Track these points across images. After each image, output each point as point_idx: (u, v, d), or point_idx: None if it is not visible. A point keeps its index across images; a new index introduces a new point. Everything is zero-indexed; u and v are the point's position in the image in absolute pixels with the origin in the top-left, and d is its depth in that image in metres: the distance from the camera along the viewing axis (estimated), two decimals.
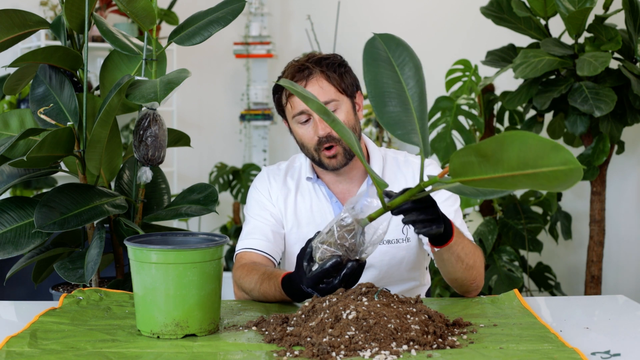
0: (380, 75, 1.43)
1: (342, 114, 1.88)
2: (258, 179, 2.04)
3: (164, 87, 1.85)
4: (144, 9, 1.95)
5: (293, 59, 1.94)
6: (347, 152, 1.89)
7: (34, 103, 1.99)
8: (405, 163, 2.00)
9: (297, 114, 1.87)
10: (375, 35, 1.46)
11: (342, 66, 1.91)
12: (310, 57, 1.91)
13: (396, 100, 1.42)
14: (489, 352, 1.34)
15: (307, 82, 1.86)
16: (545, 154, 1.16)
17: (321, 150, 1.88)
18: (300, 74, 1.87)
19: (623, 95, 3.18)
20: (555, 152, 1.16)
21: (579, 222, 3.95)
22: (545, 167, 1.17)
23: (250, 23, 5.17)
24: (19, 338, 1.42)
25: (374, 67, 1.44)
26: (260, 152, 5.30)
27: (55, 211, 1.82)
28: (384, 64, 1.45)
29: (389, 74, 1.44)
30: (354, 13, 4.90)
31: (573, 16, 3.03)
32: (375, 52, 1.45)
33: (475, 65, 3.62)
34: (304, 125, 1.88)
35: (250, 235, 1.95)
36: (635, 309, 1.71)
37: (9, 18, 1.91)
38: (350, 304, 1.42)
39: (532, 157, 1.18)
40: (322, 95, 1.85)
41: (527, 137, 1.17)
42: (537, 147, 1.17)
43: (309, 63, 1.88)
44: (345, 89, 1.89)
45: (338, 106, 1.88)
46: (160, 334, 1.45)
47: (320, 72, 1.87)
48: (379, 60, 1.44)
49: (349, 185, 1.97)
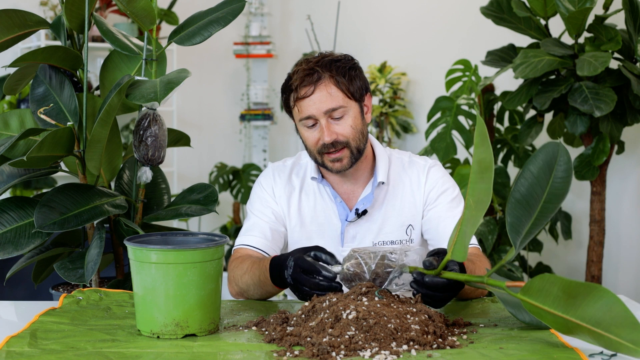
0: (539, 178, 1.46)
1: (349, 119, 1.87)
2: (263, 175, 2.04)
3: (164, 87, 1.85)
4: (144, 9, 1.95)
5: (304, 58, 1.92)
6: (353, 155, 1.89)
7: (34, 103, 1.99)
8: (410, 164, 2.01)
9: (304, 119, 1.87)
10: (559, 144, 1.48)
11: (352, 69, 1.89)
12: (321, 59, 1.88)
13: (524, 204, 1.45)
14: (489, 352, 1.34)
15: (316, 88, 1.84)
16: (622, 324, 1.24)
17: (324, 154, 1.88)
18: (309, 78, 1.85)
19: (623, 95, 3.18)
20: (632, 329, 1.23)
21: (579, 222, 3.95)
22: (615, 336, 1.25)
23: (250, 23, 5.17)
24: (19, 338, 1.42)
25: (538, 170, 1.46)
26: (260, 152, 5.30)
27: (55, 211, 1.82)
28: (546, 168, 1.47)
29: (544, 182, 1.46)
30: (354, 13, 4.90)
31: (573, 16, 3.03)
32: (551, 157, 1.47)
33: (475, 65, 3.62)
34: (310, 129, 1.88)
35: (249, 232, 1.96)
36: (635, 309, 1.71)
37: (9, 18, 1.92)
38: (350, 304, 1.43)
39: (608, 320, 1.26)
40: (329, 101, 1.84)
41: (614, 301, 1.25)
42: (618, 315, 1.24)
43: (318, 67, 1.85)
44: (353, 93, 1.87)
45: (345, 112, 1.87)
46: (160, 334, 1.45)
47: (330, 76, 1.85)
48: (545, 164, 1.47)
49: (353, 186, 1.97)
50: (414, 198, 1.96)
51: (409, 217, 1.95)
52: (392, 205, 1.95)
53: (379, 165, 1.96)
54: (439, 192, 1.95)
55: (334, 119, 1.86)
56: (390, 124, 4.58)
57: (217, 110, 5.36)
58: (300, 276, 1.59)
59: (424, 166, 1.99)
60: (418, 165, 2.00)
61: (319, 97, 1.84)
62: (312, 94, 1.84)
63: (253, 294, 1.81)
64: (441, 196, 1.95)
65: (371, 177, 1.98)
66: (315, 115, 1.85)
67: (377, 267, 1.54)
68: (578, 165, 3.29)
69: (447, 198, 1.94)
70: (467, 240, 1.42)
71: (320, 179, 1.97)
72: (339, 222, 1.95)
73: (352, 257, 1.57)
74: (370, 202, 1.93)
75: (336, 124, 1.86)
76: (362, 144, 1.90)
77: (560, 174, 1.45)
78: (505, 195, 3.58)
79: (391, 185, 1.97)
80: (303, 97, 1.85)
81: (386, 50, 4.76)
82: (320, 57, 1.89)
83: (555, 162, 1.46)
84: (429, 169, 1.98)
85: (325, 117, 1.85)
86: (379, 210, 1.95)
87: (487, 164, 1.38)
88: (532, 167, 1.45)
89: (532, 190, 1.44)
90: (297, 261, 1.60)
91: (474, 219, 1.40)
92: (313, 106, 1.84)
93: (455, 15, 4.43)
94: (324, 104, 1.84)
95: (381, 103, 4.59)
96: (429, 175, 1.97)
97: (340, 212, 1.95)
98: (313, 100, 1.84)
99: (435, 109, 3.60)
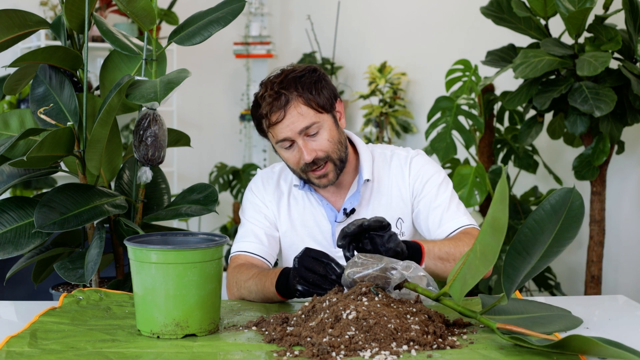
0: (545, 223, 1.43)
1: (325, 133, 1.86)
2: (252, 182, 2.04)
3: (164, 87, 1.85)
4: (144, 9, 1.95)
5: (268, 79, 1.88)
6: (337, 167, 1.89)
7: (34, 103, 1.99)
8: (392, 157, 2.00)
9: (280, 141, 1.86)
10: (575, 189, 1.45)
11: (317, 82, 1.86)
12: (284, 78, 1.85)
13: (524, 254, 1.42)
14: (489, 352, 1.34)
15: (286, 112, 1.82)
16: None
17: (309, 172, 1.88)
18: (277, 103, 1.82)
19: (623, 95, 3.18)
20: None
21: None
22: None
23: (250, 23, 5.17)
24: (19, 338, 1.42)
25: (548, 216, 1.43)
26: (260, 152, 5.30)
27: (55, 211, 1.82)
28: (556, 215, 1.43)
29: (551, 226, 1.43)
30: (354, 13, 4.90)
31: (573, 16, 3.02)
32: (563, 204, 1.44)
33: (475, 65, 3.62)
34: (289, 150, 1.87)
35: (244, 238, 1.96)
36: (635, 309, 1.71)
37: (9, 18, 1.91)
38: (350, 304, 1.42)
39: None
40: (302, 121, 1.83)
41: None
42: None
43: (283, 89, 1.82)
44: (324, 106, 1.85)
45: (320, 127, 1.85)
46: (160, 334, 1.45)
47: (297, 96, 1.82)
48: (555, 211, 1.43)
49: (338, 189, 1.97)
50: (400, 191, 1.96)
51: (397, 210, 1.95)
52: (379, 201, 1.96)
53: (363, 163, 1.95)
54: (423, 182, 1.95)
55: (309, 136, 1.85)
56: (390, 124, 4.58)
57: (217, 110, 5.36)
58: (308, 260, 1.60)
59: (405, 157, 1.99)
60: (400, 157, 2.00)
61: (291, 119, 1.82)
62: (284, 118, 1.82)
63: (254, 299, 1.80)
64: (426, 185, 1.95)
65: (356, 176, 1.97)
66: (291, 136, 1.84)
67: (377, 278, 1.54)
68: (578, 165, 3.29)
69: (433, 185, 1.94)
70: (465, 287, 1.41)
71: (302, 185, 1.96)
72: (329, 224, 1.95)
73: (355, 264, 1.56)
74: (358, 200, 1.94)
75: (313, 141, 1.85)
76: (343, 153, 1.90)
77: (569, 221, 1.43)
78: None
79: (376, 182, 1.97)
80: (276, 123, 1.83)
81: (386, 50, 4.76)
82: (282, 75, 1.85)
83: (565, 208, 1.43)
84: (410, 159, 1.98)
85: (300, 136, 1.84)
86: (366, 207, 1.95)
87: (500, 225, 1.32)
88: (536, 215, 1.42)
89: (535, 239, 1.41)
90: (306, 250, 1.63)
91: (477, 272, 1.37)
92: (286, 129, 1.83)
93: (455, 15, 4.43)
94: (296, 125, 1.83)
95: (381, 103, 4.59)
96: (412, 166, 1.97)
97: (328, 214, 1.95)
98: (285, 124, 1.83)
99: (435, 109, 3.60)
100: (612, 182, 3.76)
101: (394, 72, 4.63)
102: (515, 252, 1.41)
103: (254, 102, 1.90)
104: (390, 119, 4.57)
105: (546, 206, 1.42)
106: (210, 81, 5.33)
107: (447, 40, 4.46)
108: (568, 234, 1.43)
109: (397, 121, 4.57)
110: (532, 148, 3.77)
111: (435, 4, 4.55)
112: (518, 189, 3.99)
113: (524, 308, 1.56)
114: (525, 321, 1.48)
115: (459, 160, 3.70)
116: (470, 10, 3.91)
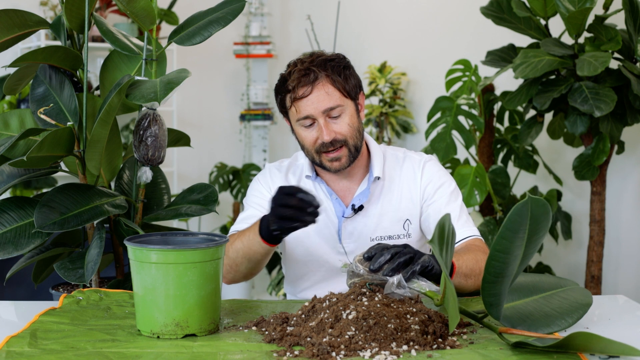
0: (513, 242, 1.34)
1: (346, 117, 1.88)
2: (261, 173, 2.06)
3: (164, 87, 1.85)
4: (144, 9, 1.95)
5: (297, 58, 1.92)
6: (351, 154, 1.90)
7: (34, 103, 1.99)
8: (405, 159, 2.01)
9: (302, 118, 1.88)
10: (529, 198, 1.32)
11: (347, 68, 1.90)
12: (314, 58, 1.89)
13: (500, 278, 1.37)
14: (489, 352, 1.34)
15: (313, 88, 1.85)
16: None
17: (323, 153, 1.89)
18: (305, 79, 1.85)
19: (623, 95, 3.18)
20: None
21: (579, 222, 3.95)
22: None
23: (250, 23, 5.17)
24: (19, 338, 1.42)
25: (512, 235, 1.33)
26: (260, 152, 5.30)
27: (55, 211, 1.82)
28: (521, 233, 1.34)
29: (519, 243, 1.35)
30: (354, 13, 4.90)
31: (573, 16, 3.02)
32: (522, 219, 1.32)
33: (475, 65, 3.62)
34: (308, 129, 1.89)
35: (245, 220, 1.96)
36: (635, 309, 1.71)
37: (9, 18, 1.92)
38: (350, 304, 1.43)
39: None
40: (327, 101, 1.85)
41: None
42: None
43: (314, 66, 1.86)
44: (349, 92, 1.89)
45: (343, 111, 1.88)
46: (160, 334, 1.45)
47: (326, 76, 1.86)
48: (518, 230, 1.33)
49: (349, 183, 1.97)
50: (411, 193, 1.97)
51: (405, 211, 1.96)
52: (388, 200, 1.96)
53: (374, 161, 1.96)
54: (435, 187, 1.96)
55: (331, 117, 1.87)
56: (390, 124, 4.58)
57: (217, 110, 5.36)
58: (280, 197, 1.62)
59: (419, 161, 2.00)
60: (413, 160, 2.01)
61: (317, 96, 1.85)
62: (310, 94, 1.85)
63: (242, 262, 1.81)
64: (438, 191, 1.95)
65: (366, 173, 1.98)
66: (314, 114, 1.86)
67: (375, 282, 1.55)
68: (578, 165, 3.29)
69: (445, 192, 1.95)
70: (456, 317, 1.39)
71: (314, 177, 1.97)
72: (336, 218, 1.95)
73: (359, 266, 1.57)
74: (367, 197, 1.94)
75: (334, 123, 1.87)
76: (359, 141, 1.92)
77: (534, 227, 1.33)
78: (505, 195, 3.58)
79: (387, 180, 1.97)
80: (301, 97, 1.85)
81: (386, 50, 4.76)
82: (314, 56, 1.90)
83: (526, 221, 1.32)
84: (424, 163, 1.99)
85: (323, 116, 1.86)
86: (375, 205, 1.95)
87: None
88: (498, 246, 1.33)
89: (506, 263, 1.34)
90: (279, 188, 1.65)
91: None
92: (311, 106, 1.85)
93: (455, 15, 4.43)
94: (322, 104, 1.85)
95: (381, 103, 4.59)
96: (425, 170, 1.98)
97: (336, 209, 1.96)
98: (311, 100, 1.85)
99: (435, 109, 3.60)
100: (612, 182, 3.76)
101: (394, 72, 4.63)
102: (488, 283, 1.36)
103: (279, 80, 1.92)
104: (390, 119, 4.57)
105: (505, 233, 1.32)
106: (210, 81, 5.33)
107: (447, 40, 4.46)
108: (538, 236, 1.36)
109: (397, 121, 4.57)
110: (532, 148, 3.77)
111: (435, 4, 4.55)
112: (518, 189, 3.99)
113: (533, 286, 1.55)
114: (531, 307, 1.48)
115: (459, 160, 3.71)
116: (471, 11, 3.91)
